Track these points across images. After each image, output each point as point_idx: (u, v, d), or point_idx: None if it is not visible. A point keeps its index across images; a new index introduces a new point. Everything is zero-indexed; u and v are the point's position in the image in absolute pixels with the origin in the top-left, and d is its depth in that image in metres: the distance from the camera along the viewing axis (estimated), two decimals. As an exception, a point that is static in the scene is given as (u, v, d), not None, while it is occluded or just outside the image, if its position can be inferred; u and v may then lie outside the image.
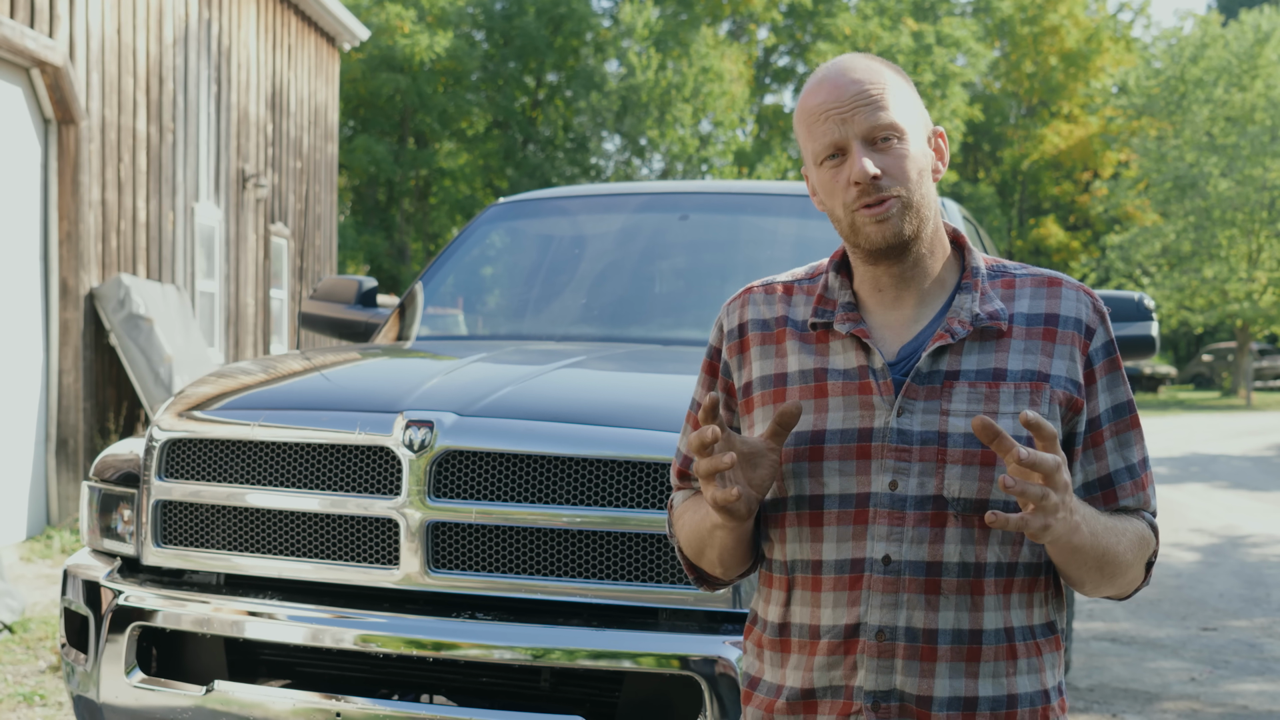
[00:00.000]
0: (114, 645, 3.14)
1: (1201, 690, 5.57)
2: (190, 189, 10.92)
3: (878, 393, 1.69)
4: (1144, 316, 4.46)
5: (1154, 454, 17.92)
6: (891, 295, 1.76)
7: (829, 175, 1.72)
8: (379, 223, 34.76)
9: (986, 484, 1.66)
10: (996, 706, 1.67)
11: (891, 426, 1.67)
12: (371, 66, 31.73)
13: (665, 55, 33.76)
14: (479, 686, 3.03)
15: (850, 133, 1.69)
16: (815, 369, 1.74)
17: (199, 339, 10.21)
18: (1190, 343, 50.26)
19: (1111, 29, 42.04)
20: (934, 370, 1.69)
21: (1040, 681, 1.71)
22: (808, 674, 1.71)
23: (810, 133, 1.72)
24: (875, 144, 1.69)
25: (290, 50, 13.55)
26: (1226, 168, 32.44)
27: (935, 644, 1.66)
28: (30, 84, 8.63)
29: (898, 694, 1.66)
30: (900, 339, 1.74)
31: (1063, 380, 1.71)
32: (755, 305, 1.83)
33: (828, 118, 1.70)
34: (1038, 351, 1.71)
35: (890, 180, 1.68)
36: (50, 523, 8.83)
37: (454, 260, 4.69)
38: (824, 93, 1.71)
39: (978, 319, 1.71)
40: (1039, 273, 1.79)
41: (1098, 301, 1.78)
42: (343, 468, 3.00)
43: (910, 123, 1.72)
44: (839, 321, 1.74)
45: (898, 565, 1.66)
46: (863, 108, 1.69)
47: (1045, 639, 1.73)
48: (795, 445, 1.71)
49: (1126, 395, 1.78)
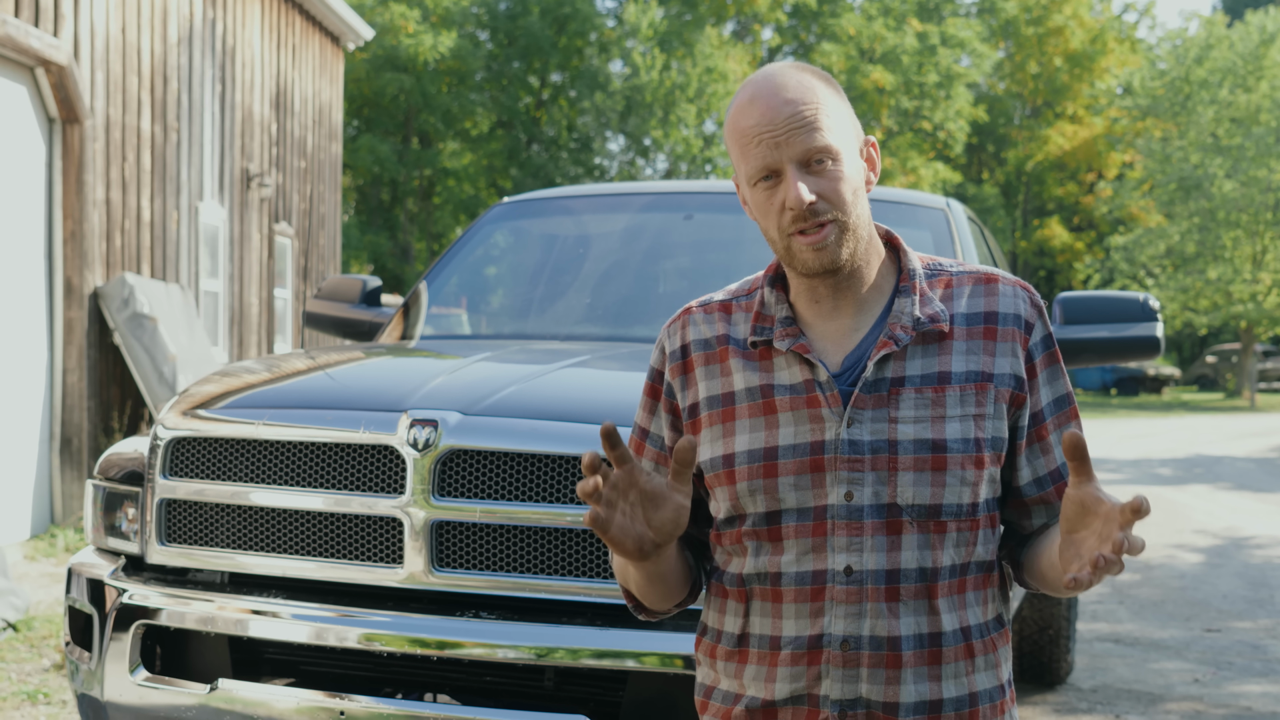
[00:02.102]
0: (118, 643, 3.15)
1: (1205, 691, 5.57)
2: (194, 188, 10.93)
3: (825, 405, 1.68)
4: (1148, 317, 4.45)
5: (1158, 455, 17.91)
6: (829, 305, 1.74)
7: (763, 196, 1.69)
8: (383, 222, 34.77)
9: (939, 489, 1.67)
10: (960, 706, 1.69)
11: (843, 438, 1.67)
12: (376, 66, 31.75)
13: (669, 55, 33.76)
14: (483, 685, 3.03)
15: (784, 156, 1.66)
16: (761, 385, 1.72)
17: (203, 338, 10.22)
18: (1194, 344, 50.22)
19: (1116, 30, 42.01)
20: (879, 378, 1.69)
21: (997, 676, 1.74)
22: (770, 684, 1.70)
23: (743, 154, 1.69)
24: (809, 166, 1.66)
25: (295, 50, 13.56)
26: (1231, 169, 32.40)
27: (900, 650, 1.67)
28: (35, 83, 8.64)
29: (864, 702, 1.67)
30: (842, 349, 1.73)
31: (1007, 378, 1.72)
32: (696, 325, 1.81)
33: (761, 141, 1.66)
34: (980, 351, 1.71)
35: (825, 205, 1.66)
36: (54, 521, 8.84)
37: (458, 260, 4.69)
38: (756, 114, 1.67)
39: (919, 323, 1.71)
40: (976, 270, 1.79)
41: (1034, 296, 1.79)
42: (347, 467, 3.01)
43: (844, 141, 1.69)
44: (778, 338, 1.72)
45: (860, 575, 1.66)
46: (797, 130, 1.65)
47: (998, 633, 1.76)
48: (749, 463, 1.70)
49: (1066, 388, 1.79)
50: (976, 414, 1.69)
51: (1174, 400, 37.01)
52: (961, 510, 1.68)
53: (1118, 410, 31.72)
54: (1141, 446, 19.41)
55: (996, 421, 1.70)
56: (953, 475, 1.67)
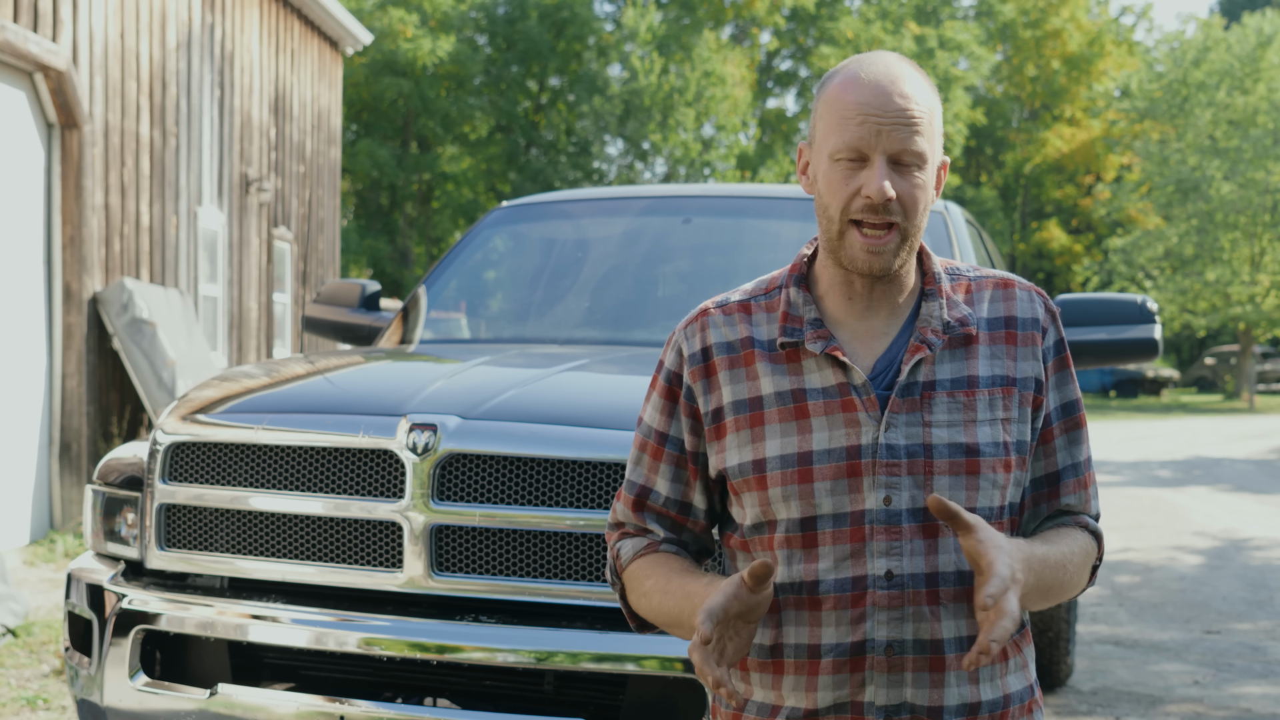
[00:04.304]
0: (118, 649, 3.15)
1: (1205, 693, 5.57)
2: (193, 193, 10.93)
3: (862, 409, 1.67)
4: (1147, 319, 4.46)
5: (1157, 457, 17.91)
6: (862, 305, 1.73)
7: (840, 173, 1.67)
8: (382, 227, 34.77)
9: (973, 492, 1.68)
10: (994, 708, 1.70)
11: (881, 442, 1.66)
12: (374, 71, 31.75)
13: (668, 59, 33.77)
14: (483, 690, 3.03)
15: (881, 145, 1.64)
16: (793, 390, 1.70)
17: (202, 343, 10.22)
18: (1193, 346, 50.22)
19: (1114, 32, 42.03)
20: (912, 382, 1.69)
21: (1025, 678, 1.76)
22: (811, 694, 1.69)
23: (838, 125, 1.67)
24: (898, 164, 1.66)
25: (293, 54, 13.56)
26: (1229, 171, 32.43)
27: (943, 654, 1.67)
28: (33, 88, 8.64)
29: (909, 706, 1.67)
30: (873, 351, 1.72)
31: (1029, 382, 1.73)
32: (716, 327, 1.77)
33: (864, 121, 1.65)
34: (1003, 356, 1.73)
35: (899, 208, 1.66)
36: (54, 527, 8.83)
37: (457, 264, 4.70)
38: (868, 93, 1.65)
39: (949, 326, 1.71)
40: (993, 274, 1.80)
41: (1049, 301, 1.81)
42: (346, 471, 3.01)
43: (933, 154, 1.70)
44: (810, 340, 1.70)
45: (900, 579, 1.66)
46: (903, 125, 1.64)
47: (1021, 635, 1.77)
48: (783, 468, 1.68)
49: (1075, 394, 1.81)
50: (1004, 418, 1.70)
51: (1173, 402, 37.02)
52: (992, 513, 1.69)
53: (1117, 412, 31.73)
54: (1140, 448, 19.41)
55: (1021, 425, 1.72)
56: (985, 479, 1.68)
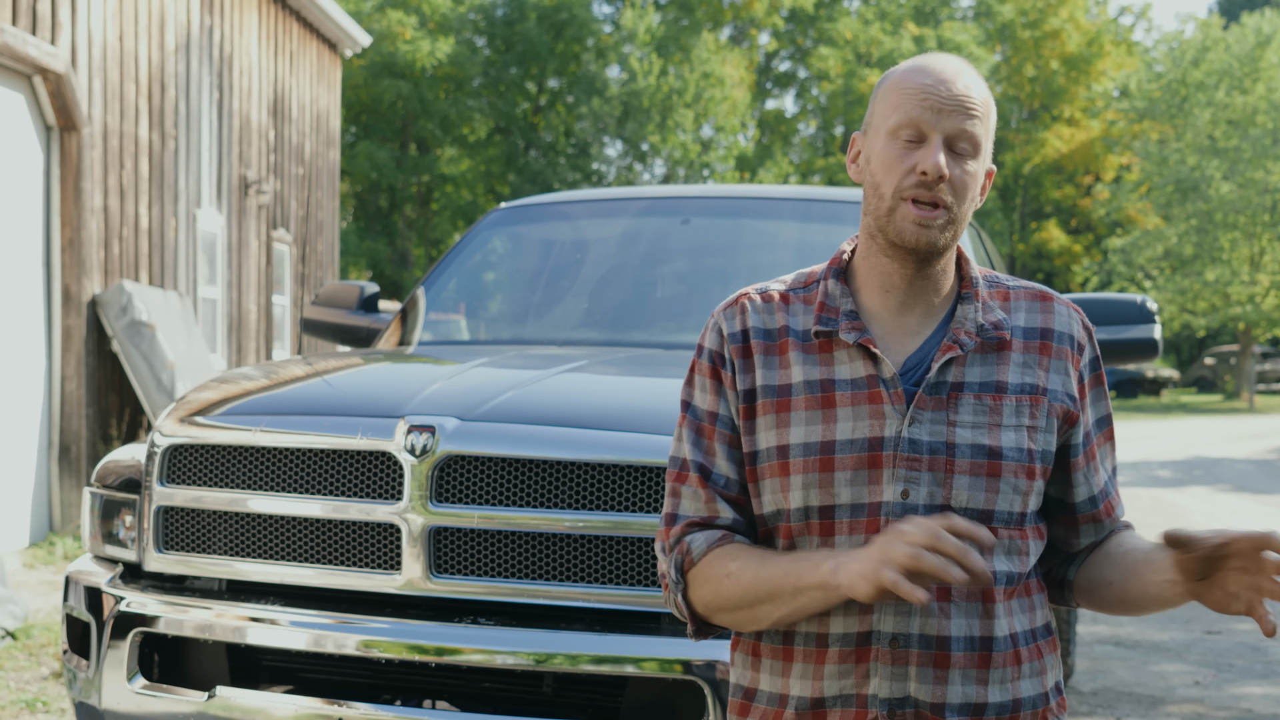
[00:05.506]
0: (116, 651, 3.14)
1: (1205, 694, 5.56)
2: (192, 195, 10.93)
3: (889, 402, 1.69)
4: (1146, 319, 4.45)
5: (1157, 457, 17.92)
6: (899, 299, 1.75)
7: (895, 150, 1.71)
8: (381, 228, 34.77)
9: (993, 494, 1.68)
10: (1002, 711, 1.70)
11: (904, 436, 1.67)
12: (373, 73, 31.76)
13: (666, 61, 33.78)
14: (481, 692, 3.02)
15: (940, 125, 1.69)
16: (822, 379, 1.72)
17: (201, 345, 10.22)
18: (1193, 346, 50.23)
19: (1113, 33, 42.03)
20: (940, 381, 1.70)
21: (1041, 684, 1.74)
22: (817, 683, 1.70)
23: (898, 104, 1.71)
24: (954, 147, 1.70)
25: (292, 57, 13.56)
26: (1228, 171, 32.44)
27: (949, 651, 1.67)
28: (32, 91, 8.64)
29: (912, 701, 1.67)
30: (905, 348, 1.74)
31: (1060, 394, 1.74)
32: (755, 313, 1.79)
33: (925, 102, 1.69)
34: (1035, 365, 1.74)
35: (949, 188, 1.69)
36: (52, 529, 8.83)
37: (456, 265, 4.69)
38: (931, 79, 1.71)
39: (983, 330, 1.73)
40: (1030, 286, 1.82)
41: (1085, 318, 1.83)
42: (345, 473, 3.00)
43: (985, 149, 1.74)
44: (844, 330, 1.72)
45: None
46: (961, 110, 1.69)
47: (1045, 640, 1.76)
48: (805, 456, 1.70)
49: (1107, 408, 1.84)
50: (1030, 425, 1.71)
51: (1173, 402, 37.03)
52: (1012, 519, 1.70)
53: (1117, 412, 31.71)
54: (1141, 448, 19.41)
55: (1047, 435, 1.72)
56: (1006, 483, 1.68)
